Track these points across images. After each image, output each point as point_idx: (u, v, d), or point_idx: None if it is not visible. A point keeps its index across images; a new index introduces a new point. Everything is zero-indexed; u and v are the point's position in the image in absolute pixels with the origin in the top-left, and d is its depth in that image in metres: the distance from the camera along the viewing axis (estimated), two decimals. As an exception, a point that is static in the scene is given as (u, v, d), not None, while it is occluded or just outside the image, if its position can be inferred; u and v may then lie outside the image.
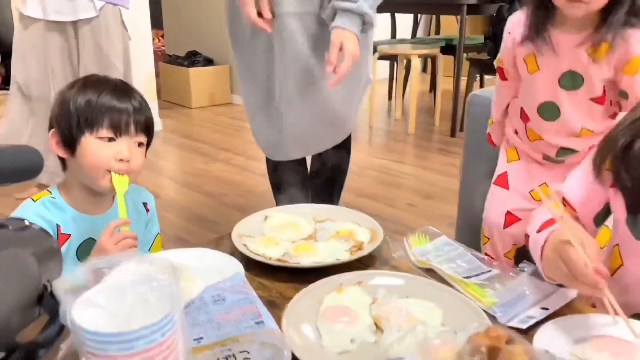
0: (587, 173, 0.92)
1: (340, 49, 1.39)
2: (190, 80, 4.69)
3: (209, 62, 4.86)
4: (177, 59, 4.92)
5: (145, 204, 1.21)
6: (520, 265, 0.92)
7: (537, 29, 1.19)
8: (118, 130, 1.05)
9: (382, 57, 3.95)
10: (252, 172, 3.10)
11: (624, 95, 1.19)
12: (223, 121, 4.33)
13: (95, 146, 1.05)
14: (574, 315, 0.79)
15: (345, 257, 0.95)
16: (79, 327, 0.46)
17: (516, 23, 1.25)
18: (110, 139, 1.05)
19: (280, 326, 0.73)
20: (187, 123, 4.30)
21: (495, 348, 0.58)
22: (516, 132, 1.40)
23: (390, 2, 3.16)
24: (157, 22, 5.04)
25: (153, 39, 4.78)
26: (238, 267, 0.89)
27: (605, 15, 1.11)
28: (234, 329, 0.70)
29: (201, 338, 0.69)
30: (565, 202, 0.92)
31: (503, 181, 1.38)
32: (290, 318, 0.76)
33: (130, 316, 0.46)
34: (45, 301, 0.50)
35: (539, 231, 0.85)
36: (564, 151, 1.31)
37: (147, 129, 1.11)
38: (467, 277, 0.88)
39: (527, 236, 0.93)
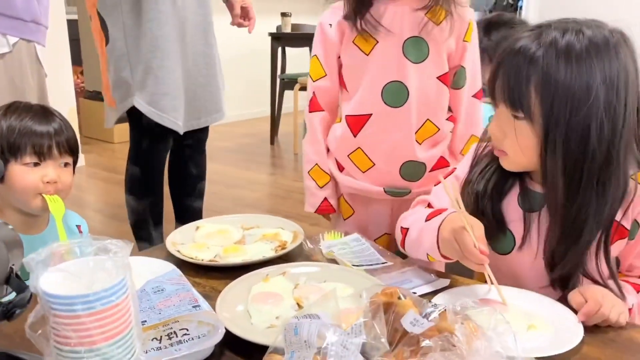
0: None
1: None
2: (113, 115, 4.68)
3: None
4: (98, 95, 4.89)
5: (78, 227, 1.28)
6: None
7: (361, 6, 1.19)
8: (41, 154, 1.10)
9: (302, 89, 4.16)
10: (179, 201, 3.15)
11: (457, 81, 1.28)
12: (148, 154, 4.34)
13: (21, 172, 1.10)
14: (461, 286, 0.96)
15: (271, 254, 1.08)
16: (46, 292, 0.55)
17: (330, 14, 1.26)
18: (36, 164, 1.10)
19: (214, 310, 0.84)
20: (110, 157, 4.28)
21: (389, 303, 0.72)
22: (340, 169, 1.35)
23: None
24: (77, 59, 5.00)
25: (73, 76, 4.75)
26: (173, 267, 0.99)
27: None
28: (174, 312, 0.80)
29: (145, 321, 0.78)
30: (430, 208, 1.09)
31: None
32: (223, 303, 0.87)
33: (91, 281, 0.56)
34: (12, 281, 0.60)
35: (427, 220, 1.00)
36: (408, 169, 1.29)
37: (70, 149, 1.15)
38: (357, 265, 1.03)
39: (404, 229, 1.06)
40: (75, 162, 1.19)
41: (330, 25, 1.26)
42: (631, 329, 0.87)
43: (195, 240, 1.15)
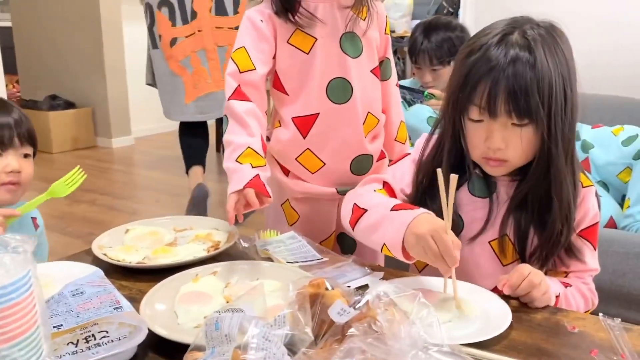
0: (407, 165, 1.09)
1: None
2: (50, 125, 4.51)
3: (70, 105, 4.71)
4: (35, 104, 4.71)
5: (34, 219, 1.24)
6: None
7: (289, 3, 1.18)
8: (2, 145, 1.11)
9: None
10: (120, 210, 3.06)
11: (385, 73, 1.31)
12: (87, 164, 4.20)
13: None
14: (406, 278, 0.97)
15: (202, 255, 1.04)
16: (-64, 293, 0.51)
17: (258, 12, 1.22)
18: None
19: (138, 312, 0.81)
20: (49, 168, 4.11)
21: (316, 294, 0.71)
22: (286, 173, 1.31)
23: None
24: (10, 67, 4.80)
25: (7, 85, 4.55)
26: (96, 269, 0.95)
27: None
28: (93, 315, 0.76)
29: (61, 325, 0.74)
30: (389, 188, 1.08)
31: None
32: (148, 304, 0.84)
33: (-14, 278, 0.52)
34: None
35: (394, 210, 0.96)
36: (358, 164, 1.29)
37: (30, 139, 1.17)
38: (292, 262, 1.02)
39: (360, 209, 1.02)
40: (34, 154, 1.20)
41: (262, 20, 1.22)
42: (558, 312, 0.89)
43: (124, 243, 1.11)
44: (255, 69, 1.19)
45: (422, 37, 2.00)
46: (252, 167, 1.09)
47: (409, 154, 1.13)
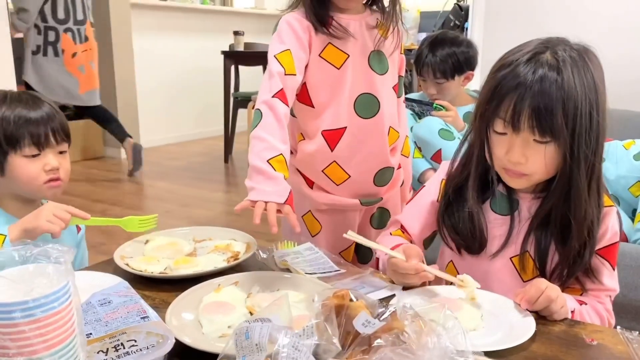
0: (423, 205, 1.14)
1: None
2: (60, 135, 4.55)
3: (79, 116, 4.75)
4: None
5: (77, 226, 1.27)
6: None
7: (323, 18, 1.20)
8: (40, 145, 1.13)
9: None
10: (130, 220, 3.08)
11: (399, 90, 1.36)
12: (96, 174, 4.23)
13: (23, 164, 1.12)
14: (427, 288, 0.99)
15: (223, 265, 1.06)
16: (-17, 301, 0.53)
17: (294, 18, 1.21)
18: (35, 155, 1.13)
19: (164, 321, 0.82)
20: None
21: (341, 305, 0.72)
22: (310, 184, 1.34)
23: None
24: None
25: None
26: (121, 279, 0.97)
27: None
28: (121, 324, 0.77)
29: (90, 334, 0.75)
30: (403, 229, 1.15)
31: None
32: (173, 314, 0.85)
33: (31, 287, 0.54)
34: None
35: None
36: (382, 176, 1.33)
37: (66, 134, 1.18)
38: (311, 273, 1.03)
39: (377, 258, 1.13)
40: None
41: (301, 29, 1.21)
42: (576, 325, 0.90)
43: (145, 254, 1.12)
44: (296, 74, 1.18)
45: (428, 51, 2.03)
46: (285, 178, 1.08)
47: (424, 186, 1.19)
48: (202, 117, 5.62)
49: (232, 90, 4.68)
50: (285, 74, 1.16)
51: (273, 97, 1.14)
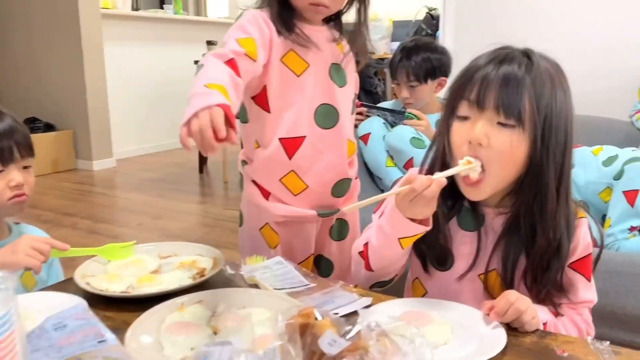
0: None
1: None
2: (29, 147, 4.44)
3: (49, 127, 4.65)
4: None
5: None
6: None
7: (287, 24, 1.19)
8: (3, 160, 1.08)
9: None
10: (101, 234, 3.01)
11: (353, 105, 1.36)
12: (67, 187, 4.14)
13: None
14: (396, 300, 0.97)
15: (188, 283, 1.03)
16: None
17: (259, 14, 1.18)
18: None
19: (123, 344, 0.79)
20: (27, 192, 4.04)
21: (306, 324, 0.70)
22: (266, 196, 1.29)
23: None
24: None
25: (-16, 106, 4.50)
26: (80, 300, 0.93)
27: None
28: (77, 349, 0.73)
29: (42, 361, 0.72)
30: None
31: None
32: (133, 336, 0.82)
33: (-34, 318, 0.50)
34: None
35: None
36: (340, 187, 1.31)
37: (29, 148, 1.14)
38: (279, 289, 1.00)
39: (364, 250, 1.04)
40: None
41: (266, 26, 1.17)
42: (547, 336, 0.89)
43: (107, 272, 1.08)
44: (257, 60, 1.10)
45: (403, 55, 2.05)
46: (224, 97, 0.90)
47: None
48: (177, 128, 5.50)
49: (206, 100, 4.63)
50: (245, 54, 1.07)
51: (224, 62, 1.03)
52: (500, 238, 0.98)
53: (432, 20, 4.37)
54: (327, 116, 1.26)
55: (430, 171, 1.00)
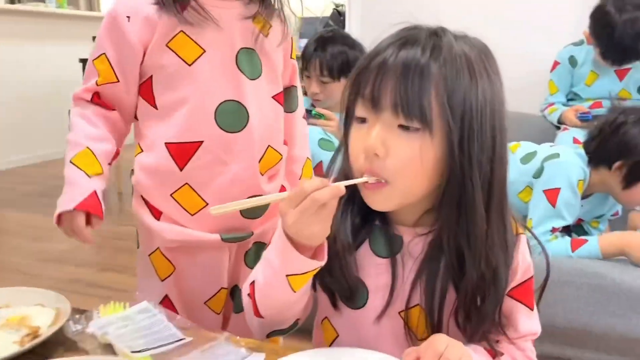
0: None
1: None
2: None
3: None
4: None
5: None
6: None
7: None
8: None
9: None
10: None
11: (290, 104, 1.15)
12: None
13: None
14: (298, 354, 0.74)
15: (13, 350, 0.74)
16: None
17: (130, 2, 0.99)
18: None
19: None
20: None
21: None
22: (157, 215, 1.05)
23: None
24: None
25: None
26: None
27: None
28: None
29: None
30: None
31: None
32: None
33: None
34: None
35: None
36: (251, 214, 1.07)
37: None
38: (141, 351, 0.74)
39: (251, 293, 0.80)
40: None
41: (129, 18, 0.97)
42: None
43: None
44: (118, 81, 1.00)
45: (317, 45, 1.86)
46: (88, 176, 0.99)
47: None
48: (60, 134, 5.01)
49: (95, 102, 4.20)
50: (97, 84, 1.01)
51: (87, 101, 1.03)
52: (422, 266, 0.77)
53: (339, 17, 4.25)
54: (232, 116, 1.00)
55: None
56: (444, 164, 0.70)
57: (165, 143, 1.01)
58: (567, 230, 1.66)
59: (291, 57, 1.15)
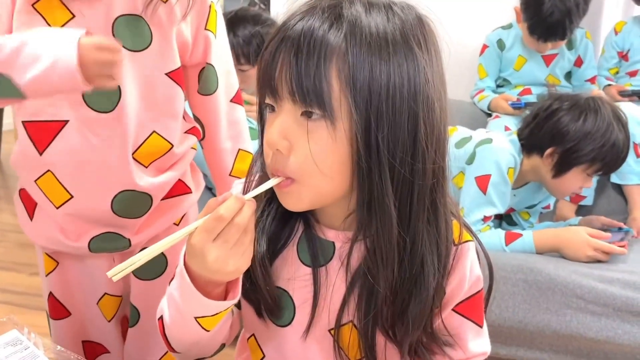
0: None
1: None
2: None
3: None
4: None
5: None
6: None
7: None
8: None
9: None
10: None
11: (206, 85, 1.01)
12: None
13: None
14: None
15: None
16: None
17: None
18: None
19: None
20: None
21: None
22: (28, 207, 0.95)
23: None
24: None
25: None
26: None
27: None
28: None
29: None
30: None
31: None
32: None
33: None
34: None
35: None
36: (125, 202, 0.92)
37: None
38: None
39: (160, 324, 0.68)
40: None
41: None
42: None
43: None
44: None
45: (228, 30, 1.67)
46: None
47: None
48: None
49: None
50: None
51: None
52: (355, 277, 0.65)
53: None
54: (103, 93, 0.85)
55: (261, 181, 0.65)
56: (353, 158, 0.58)
57: (23, 122, 0.88)
58: (498, 218, 1.61)
59: (206, 28, 0.99)
